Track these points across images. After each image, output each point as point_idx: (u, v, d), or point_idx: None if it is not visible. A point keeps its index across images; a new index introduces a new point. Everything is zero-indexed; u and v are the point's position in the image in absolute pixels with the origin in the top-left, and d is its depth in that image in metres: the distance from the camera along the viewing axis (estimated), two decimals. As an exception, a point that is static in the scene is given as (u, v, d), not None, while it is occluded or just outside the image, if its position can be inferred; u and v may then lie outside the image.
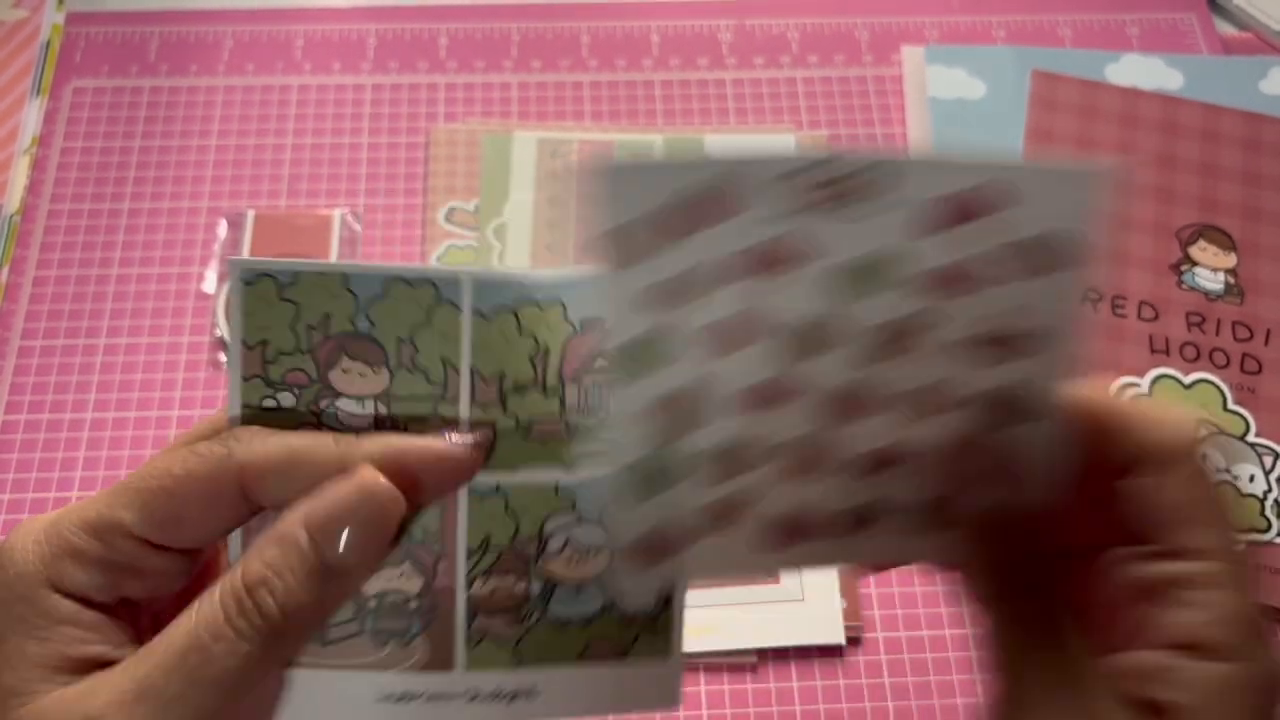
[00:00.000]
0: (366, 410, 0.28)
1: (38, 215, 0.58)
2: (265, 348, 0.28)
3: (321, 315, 0.28)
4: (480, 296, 0.28)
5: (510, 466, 0.29)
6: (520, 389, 0.28)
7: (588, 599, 0.30)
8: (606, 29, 0.65)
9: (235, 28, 0.64)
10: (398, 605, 0.29)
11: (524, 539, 0.29)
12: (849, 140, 0.62)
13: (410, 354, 0.28)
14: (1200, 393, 0.54)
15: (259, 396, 0.28)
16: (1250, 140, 0.60)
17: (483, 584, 0.29)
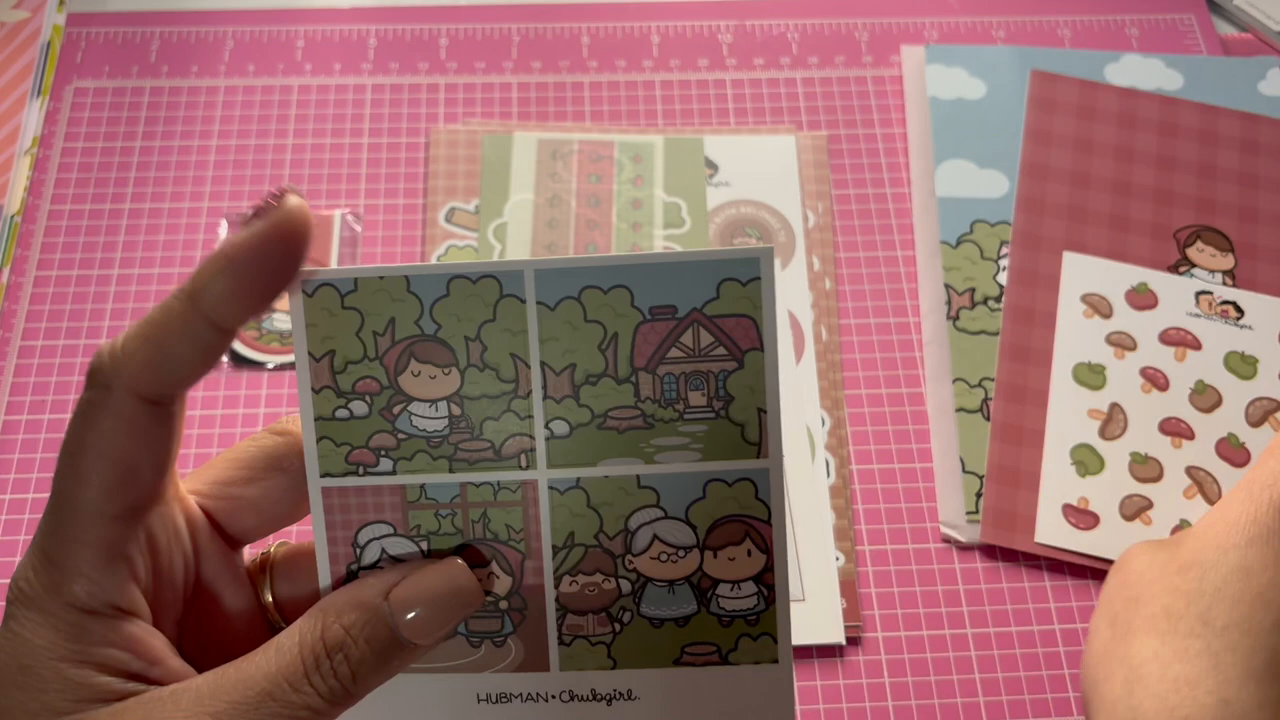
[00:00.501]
0: (440, 413, 0.28)
1: (39, 216, 0.58)
2: (332, 358, 0.28)
3: (386, 320, 0.28)
4: (543, 287, 0.28)
5: (589, 460, 0.28)
6: (592, 379, 0.28)
7: (681, 598, 0.29)
8: (606, 29, 0.65)
9: (236, 28, 0.64)
10: (488, 606, 0.29)
11: (609, 535, 0.29)
12: (849, 140, 0.62)
13: (479, 352, 0.28)
14: (1199, 393, 0.54)
15: (331, 408, 0.28)
16: (1248, 141, 0.60)
17: (571, 582, 0.29)
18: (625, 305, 0.28)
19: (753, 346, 0.28)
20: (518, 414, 0.28)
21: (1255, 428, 0.53)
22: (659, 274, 0.28)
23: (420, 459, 0.28)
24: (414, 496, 0.29)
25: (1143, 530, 0.51)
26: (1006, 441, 0.52)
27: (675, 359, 0.28)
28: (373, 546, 0.29)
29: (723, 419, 0.28)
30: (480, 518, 0.29)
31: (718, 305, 0.28)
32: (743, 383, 0.28)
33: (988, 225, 0.58)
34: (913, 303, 0.57)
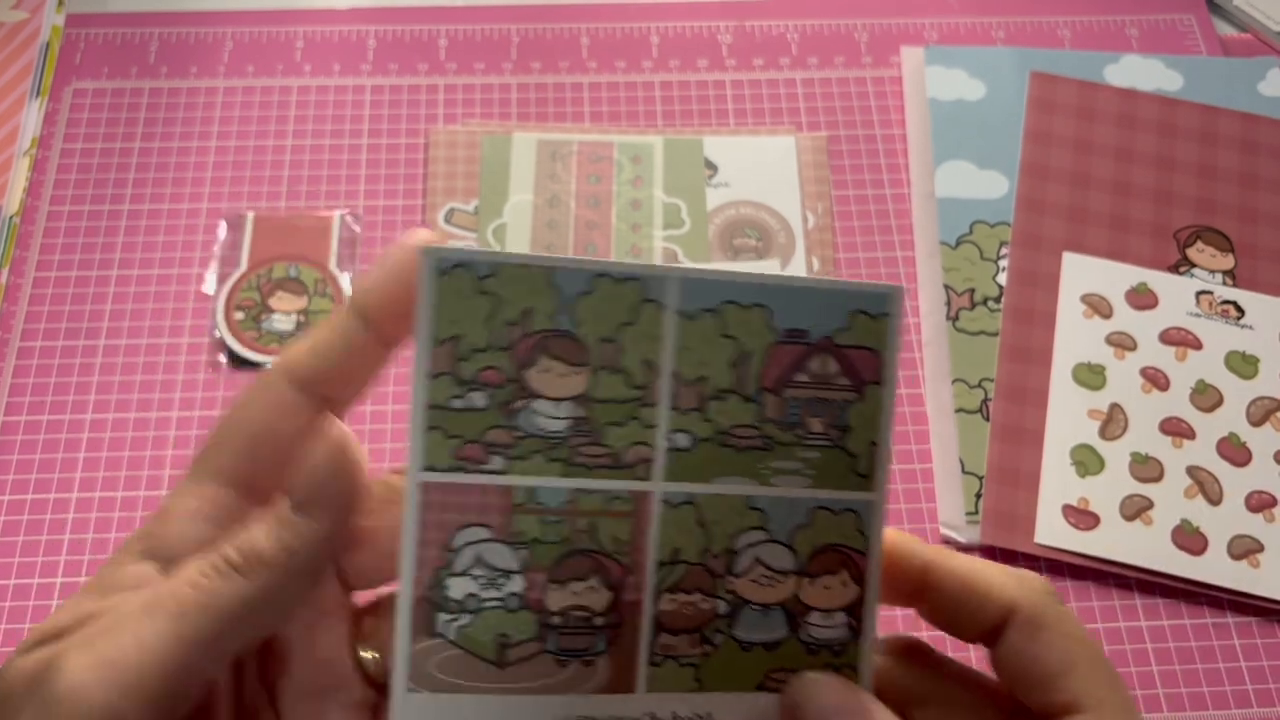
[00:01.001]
0: (563, 413, 0.27)
1: (38, 217, 0.58)
2: (457, 343, 0.26)
3: (522, 310, 0.27)
4: (686, 296, 0.27)
5: (704, 476, 0.28)
6: (720, 395, 0.28)
7: (774, 623, 0.28)
8: (606, 30, 0.65)
9: (235, 29, 0.64)
10: (582, 621, 0.28)
11: (714, 554, 0.28)
12: (849, 141, 0.62)
13: (613, 354, 0.27)
14: (1199, 394, 0.54)
15: (446, 395, 0.26)
16: (1248, 142, 0.60)
17: (670, 600, 0.28)
18: (761, 324, 0.28)
19: (873, 380, 0.28)
20: (642, 422, 0.27)
21: (1256, 427, 0.53)
22: (797, 297, 0.28)
23: (535, 460, 0.27)
24: (521, 499, 0.27)
25: (1143, 530, 0.50)
26: (1006, 442, 0.52)
27: (801, 383, 0.28)
28: (467, 551, 0.27)
29: (838, 449, 0.28)
30: (588, 527, 0.28)
31: (847, 335, 0.28)
32: (861, 414, 0.28)
33: (987, 226, 0.58)
34: (912, 303, 0.57)
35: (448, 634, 0.27)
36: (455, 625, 0.27)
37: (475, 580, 0.27)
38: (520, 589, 0.27)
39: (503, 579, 0.27)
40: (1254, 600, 0.50)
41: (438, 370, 0.26)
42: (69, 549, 0.50)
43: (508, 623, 0.27)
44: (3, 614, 0.48)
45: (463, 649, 0.27)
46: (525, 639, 0.27)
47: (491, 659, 0.27)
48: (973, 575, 0.28)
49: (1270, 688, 0.48)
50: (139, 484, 0.51)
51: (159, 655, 0.24)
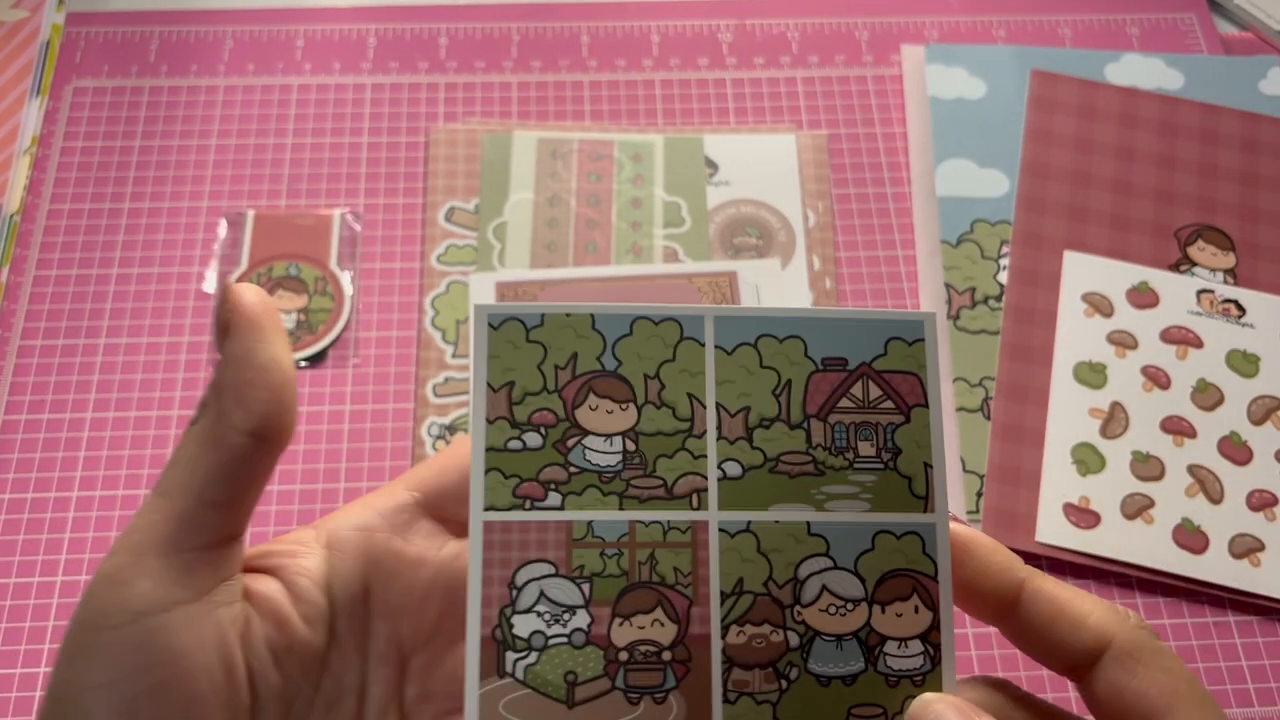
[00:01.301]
0: (614, 448, 0.28)
1: (38, 215, 0.58)
2: (511, 389, 0.28)
3: (569, 355, 0.28)
4: (721, 332, 0.29)
5: (760, 504, 0.28)
6: (766, 423, 0.28)
7: (850, 654, 0.28)
8: (606, 29, 0.65)
9: (235, 28, 0.64)
10: (650, 657, 0.28)
11: (778, 583, 0.28)
12: (849, 139, 0.62)
13: (657, 390, 0.28)
14: (1200, 393, 0.54)
15: (504, 439, 0.28)
16: (1249, 140, 0.60)
17: (739, 633, 0.28)
18: (799, 355, 0.29)
19: (918, 403, 0.29)
20: (691, 453, 0.28)
21: (1257, 426, 0.53)
22: (831, 328, 0.29)
23: (590, 494, 0.28)
24: (580, 534, 0.28)
25: (1144, 529, 0.50)
26: (1007, 441, 0.52)
27: (845, 409, 0.29)
28: (531, 588, 0.28)
29: (891, 471, 0.28)
30: (648, 559, 0.28)
31: (885, 361, 0.29)
32: (909, 437, 0.29)
33: (988, 224, 0.58)
34: (913, 302, 0.57)
35: (516, 673, 0.27)
36: (523, 664, 0.27)
37: (540, 617, 0.28)
38: (585, 624, 0.28)
39: (567, 614, 0.28)
40: (1255, 599, 0.50)
41: (495, 415, 0.28)
42: (69, 549, 0.50)
43: (575, 660, 0.27)
44: (3, 613, 0.48)
45: (531, 688, 0.27)
46: (593, 676, 0.27)
47: (561, 698, 0.27)
48: (1068, 601, 0.28)
49: (1271, 686, 0.48)
50: (139, 483, 0.51)
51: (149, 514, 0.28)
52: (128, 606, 0.26)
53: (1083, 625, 0.28)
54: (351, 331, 0.55)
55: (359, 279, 0.57)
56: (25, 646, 0.47)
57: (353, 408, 0.53)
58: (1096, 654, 0.27)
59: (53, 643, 0.47)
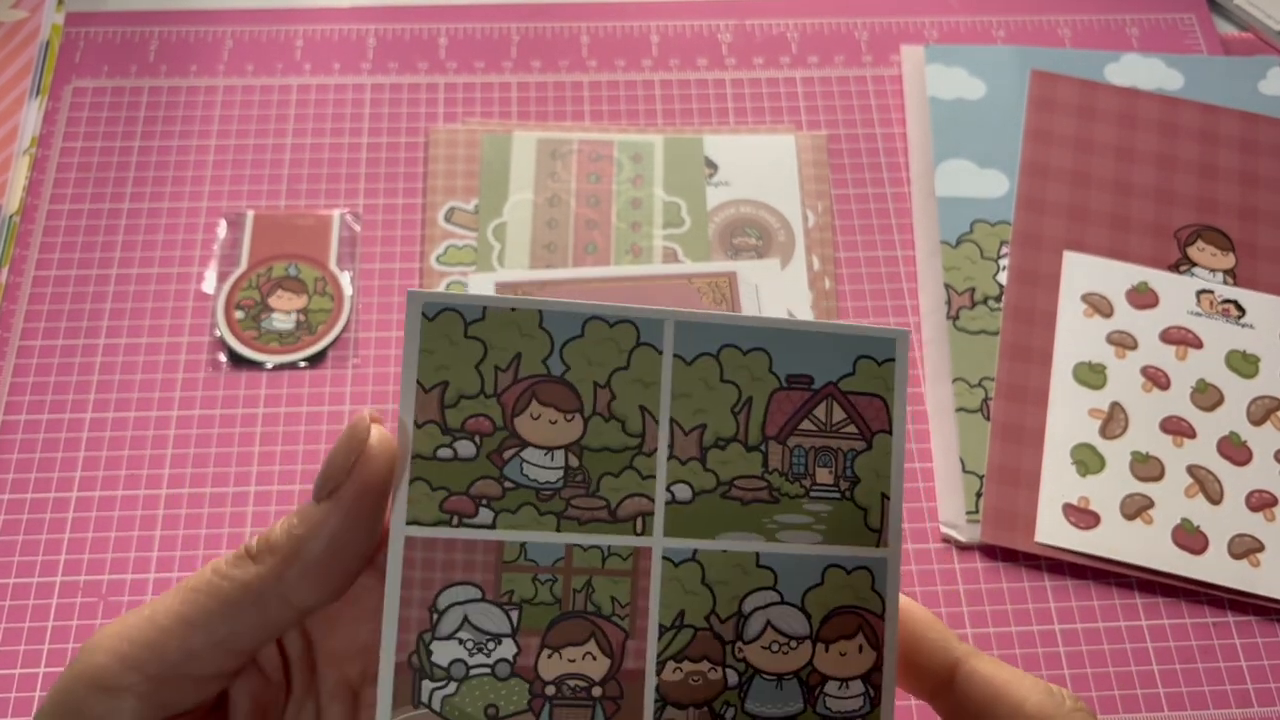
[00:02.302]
0: (555, 463, 0.26)
1: (37, 215, 0.58)
2: (445, 390, 0.26)
3: (511, 355, 0.26)
4: (682, 339, 0.26)
5: (708, 532, 0.26)
6: (721, 443, 0.26)
7: (789, 695, 0.26)
8: (606, 29, 0.65)
9: (235, 28, 0.64)
10: (579, 691, 0.26)
11: (721, 618, 0.26)
12: (849, 140, 0.62)
13: (607, 400, 0.26)
14: (1199, 393, 0.54)
15: (433, 446, 0.26)
16: (1249, 141, 0.60)
17: (675, 669, 0.26)
18: (763, 369, 0.27)
19: (882, 429, 0.27)
20: (640, 472, 0.26)
21: (1257, 426, 0.53)
22: (799, 342, 0.27)
23: (526, 513, 0.26)
24: (512, 556, 0.26)
25: (1144, 529, 0.50)
26: (1007, 441, 0.52)
27: (807, 431, 0.27)
28: (454, 612, 0.26)
29: (847, 500, 0.27)
30: (584, 587, 0.26)
31: (852, 381, 0.27)
32: (869, 465, 0.27)
33: (988, 225, 0.58)
34: (912, 302, 0.57)
35: (432, 704, 0.25)
36: (440, 694, 0.25)
37: (462, 645, 0.26)
38: (511, 655, 0.26)
39: (492, 644, 0.26)
40: (1254, 599, 0.50)
41: (424, 418, 0.26)
42: (69, 549, 0.50)
43: (497, 693, 0.26)
44: (3, 613, 0.48)
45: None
46: (516, 711, 0.26)
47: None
48: (1004, 684, 0.27)
49: (1270, 687, 0.48)
50: (139, 484, 0.51)
51: (164, 635, 0.25)
52: (100, 714, 0.25)
53: (1019, 712, 0.26)
54: (351, 332, 0.55)
55: (359, 279, 0.57)
56: (25, 647, 0.47)
57: (352, 408, 0.53)
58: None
59: (53, 643, 0.47)
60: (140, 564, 0.49)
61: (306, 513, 0.25)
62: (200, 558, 0.50)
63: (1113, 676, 0.48)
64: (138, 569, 0.49)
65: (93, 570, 0.49)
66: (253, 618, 0.25)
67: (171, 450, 0.52)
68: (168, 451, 0.52)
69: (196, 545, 0.50)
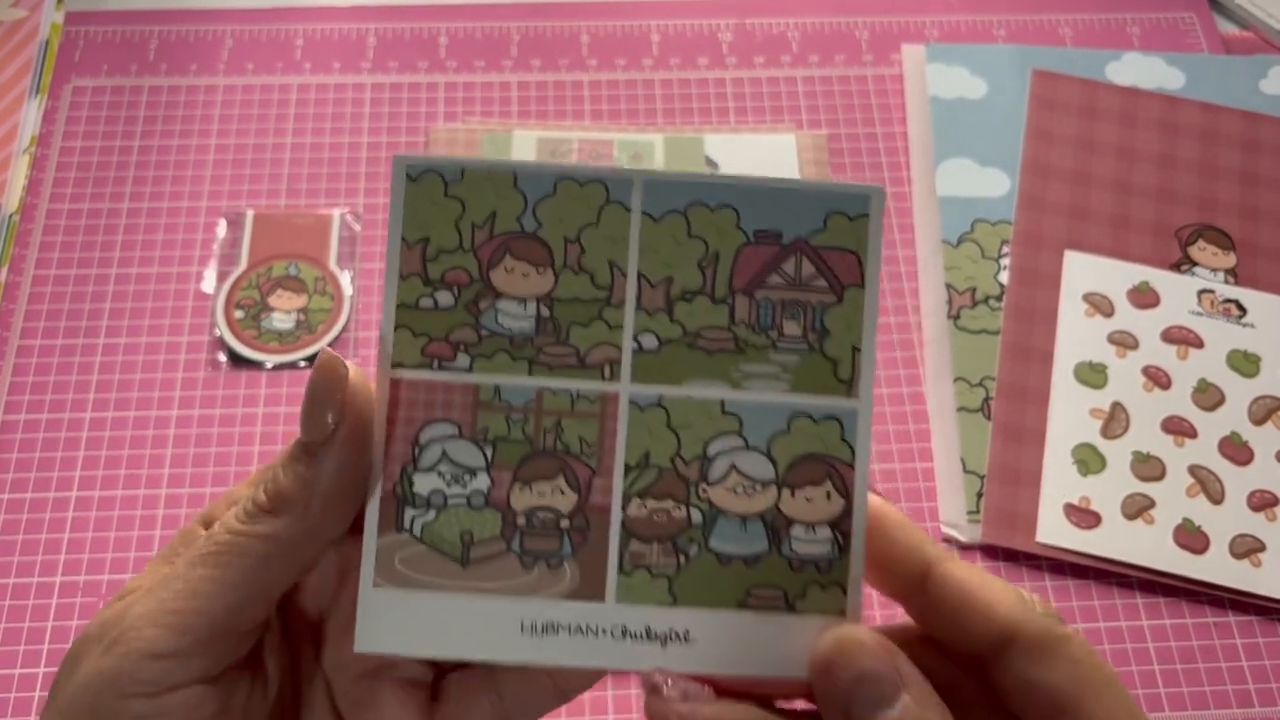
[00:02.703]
0: (528, 313, 0.28)
1: (37, 215, 0.58)
2: (426, 245, 0.28)
3: (487, 213, 0.28)
4: (650, 198, 0.28)
5: (674, 379, 0.27)
6: (688, 296, 0.28)
7: (753, 536, 0.27)
8: (606, 28, 0.65)
9: (235, 27, 0.64)
10: (548, 523, 0.27)
11: (685, 460, 0.27)
12: (849, 139, 0.62)
13: (577, 255, 0.28)
14: (1200, 393, 0.54)
15: (415, 296, 0.28)
16: (1250, 140, 0.60)
17: (640, 505, 0.27)
18: (730, 225, 0.28)
19: (854, 282, 0.28)
20: (608, 322, 0.28)
21: (1258, 426, 0.53)
22: (769, 198, 0.27)
23: (500, 359, 0.28)
24: (487, 397, 0.28)
25: (1145, 529, 0.50)
26: (1008, 441, 0.52)
27: (775, 285, 0.28)
28: (433, 447, 0.28)
29: (816, 353, 0.28)
30: (553, 427, 0.28)
31: (823, 237, 0.28)
32: (840, 317, 0.28)
33: (989, 224, 0.58)
34: (913, 302, 0.57)
35: (414, 529, 0.27)
36: (421, 521, 0.27)
37: (441, 477, 0.27)
38: (485, 487, 0.27)
39: (468, 476, 0.27)
40: (1255, 599, 0.50)
41: (408, 271, 0.27)
42: (69, 549, 0.50)
43: (472, 520, 0.27)
44: (3, 613, 0.48)
45: (428, 545, 0.27)
46: (489, 538, 0.27)
47: (456, 556, 0.27)
48: (976, 588, 0.27)
49: (1271, 687, 0.48)
50: (139, 483, 0.51)
51: (207, 599, 0.26)
52: (169, 681, 0.26)
53: (990, 616, 0.26)
54: (351, 331, 0.55)
55: (358, 279, 0.57)
56: (25, 646, 0.47)
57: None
58: (1003, 646, 0.26)
59: (53, 642, 0.47)
60: (141, 564, 0.49)
61: (308, 454, 0.27)
62: (200, 557, 0.50)
63: (1114, 676, 0.48)
64: (138, 568, 0.49)
65: (93, 570, 0.49)
66: (283, 564, 0.27)
67: (171, 450, 0.52)
68: (167, 451, 0.52)
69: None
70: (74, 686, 0.26)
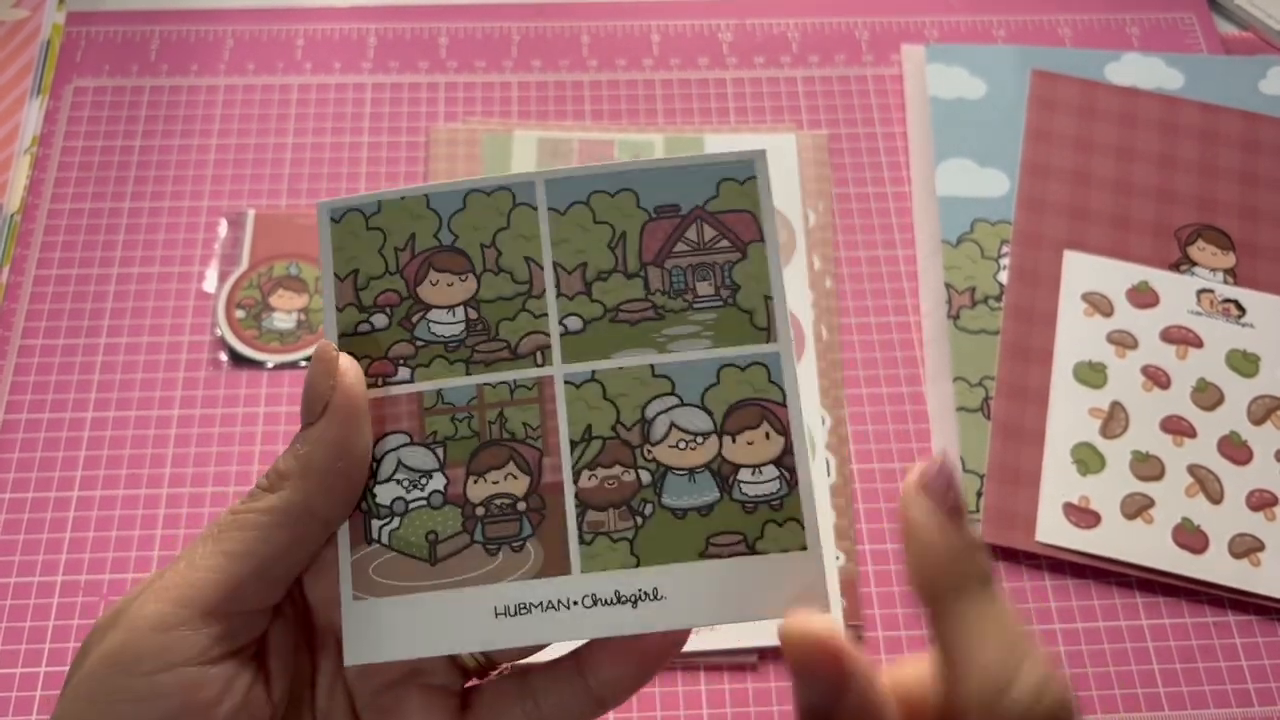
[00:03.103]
0: (457, 318, 0.29)
1: (38, 215, 0.58)
2: (356, 275, 0.29)
3: (407, 236, 0.29)
4: (553, 194, 0.30)
5: (603, 353, 0.29)
6: (603, 276, 0.29)
7: (703, 486, 0.29)
8: (607, 29, 0.65)
9: (236, 27, 0.64)
10: (506, 509, 0.29)
11: (626, 425, 0.29)
12: (849, 139, 0.62)
13: (494, 257, 0.29)
14: (1200, 392, 0.54)
15: (353, 323, 0.29)
16: (1249, 140, 0.60)
17: (590, 476, 0.29)
18: (631, 206, 0.29)
19: (754, 239, 0.29)
20: (532, 313, 0.29)
21: (1257, 425, 0.53)
22: (661, 177, 0.29)
23: (438, 365, 0.29)
24: (431, 403, 0.29)
25: (1144, 529, 0.50)
26: (1007, 440, 0.52)
27: (681, 253, 0.29)
28: (389, 459, 0.29)
29: (731, 306, 0.29)
30: (497, 418, 0.29)
31: (718, 203, 0.30)
32: (747, 272, 0.29)
33: (988, 224, 0.58)
34: (913, 301, 0.57)
35: (381, 539, 0.29)
36: (388, 529, 0.29)
37: (400, 484, 0.29)
38: (441, 486, 0.29)
39: (424, 479, 0.29)
40: (1254, 599, 0.50)
41: (343, 303, 0.29)
42: (69, 549, 0.50)
43: (435, 520, 0.29)
44: (3, 613, 0.48)
45: (397, 550, 0.29)
46: (453, 533, 0.29)
47: (424, 557, 0.29)
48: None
49: (1271, 686, 0.48)
50: (139, 483, 0.51)
51: (209, 572, 0.27)
52: (168, 657, 0.26)
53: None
54: (352, 331, 0.55)
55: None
56: (25, 646, 0.47)
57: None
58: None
59: (53, 642, 0.47)
60: (141, 563, 0.49)
61: (305, 434, 0.28)
62: (201, 557, 0.50)
63: (1113, 675, 0.48)
64: (139, 568, 0.49)
65: (94, 569, 0.49)
66: (285, 538, 0.27)
67: (172, 449, 0.52)
68: (169, 450, 0.52)
69: (197, 544, 0.50)
70: (81, 675, 0.27)
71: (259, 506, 0.28)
